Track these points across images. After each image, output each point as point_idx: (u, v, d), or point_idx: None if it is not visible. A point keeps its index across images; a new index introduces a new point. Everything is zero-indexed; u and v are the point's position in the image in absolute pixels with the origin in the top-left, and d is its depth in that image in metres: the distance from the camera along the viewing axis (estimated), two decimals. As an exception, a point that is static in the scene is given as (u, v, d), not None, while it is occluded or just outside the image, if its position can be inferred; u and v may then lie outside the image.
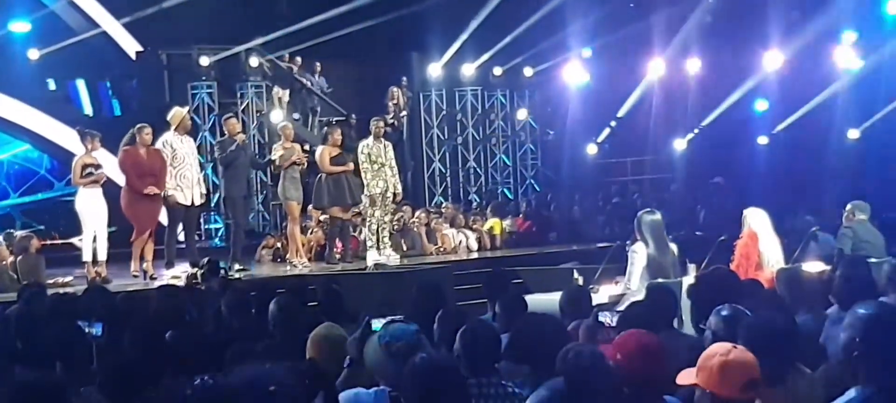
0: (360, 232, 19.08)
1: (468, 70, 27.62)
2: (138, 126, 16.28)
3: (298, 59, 26.05)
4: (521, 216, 24.16)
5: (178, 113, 16.94)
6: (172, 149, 16.41)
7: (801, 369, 6.05)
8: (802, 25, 23.60)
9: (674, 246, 11.97)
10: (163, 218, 17.15)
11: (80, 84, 27.03)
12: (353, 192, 17.88)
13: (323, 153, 17.89)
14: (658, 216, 11.97)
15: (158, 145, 16.37)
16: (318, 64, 26.47)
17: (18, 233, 17.98)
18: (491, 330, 6.53)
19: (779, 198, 19.66)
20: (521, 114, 29.04)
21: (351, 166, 17.89)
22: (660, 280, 10.79)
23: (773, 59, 24.35)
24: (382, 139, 18.09)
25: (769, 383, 5.40)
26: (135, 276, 15.97)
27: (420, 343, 6.37)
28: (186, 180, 16.47)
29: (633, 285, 11.48)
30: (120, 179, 16.56)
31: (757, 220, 12.77)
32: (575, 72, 26.75)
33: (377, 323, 6.81)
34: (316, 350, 7.01)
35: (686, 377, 5.27)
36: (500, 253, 21.20)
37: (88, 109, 26.91)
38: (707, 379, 5.12)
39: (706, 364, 5.14)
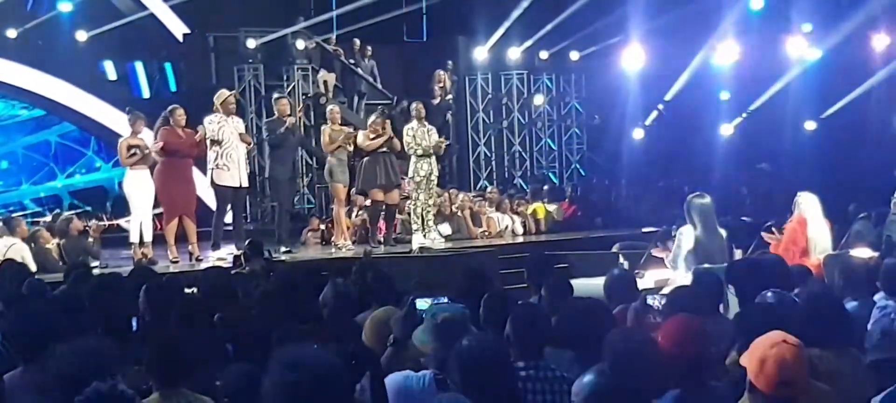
0: (406, 213, 19.03)
1: (514, 54, 27.51)
2: (170, 107, 16.21)
3: (356, 41, 25.94)
4: (566, 200, 24.04)
5: (222, 93, 16.72)
6: (216, 130, 16.28)
7: (854, 355, 6.01)
8: (844, 14, 23.41)
9: (722, 231, 11.90)
10: (211, 200, 17.20)
11: (139, 66, 27.28)
12: (390, 175, 17.80)
13: (360, 135, 17.85)
14: (708, 200, 11.89)
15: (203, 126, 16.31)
16: (368, 47, 26.41)
17: (45, 216, 18.08)
18: (542, 314, 6.51)
19: (825, 184, 19.49)
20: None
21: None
22: (706, 265, 10.75)
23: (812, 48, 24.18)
24: (425, 122, 18.09)
25: (820, 370, 5.37)
26: (173, 261, 15.91)
27: (467, 322, 6.35)
28: (232, 161, 16.30)
29: (678, 267, 11.44)
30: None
31: (808, 205, 12.67)
32: (621, 57, 26.59)
33: (422, 303, 6.78)
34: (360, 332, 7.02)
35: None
36: (546, 237, 21.08)
37: (146, 92, 27.19)
38: (749, 370, 5.10)
39: (752, 354, 5.11)
